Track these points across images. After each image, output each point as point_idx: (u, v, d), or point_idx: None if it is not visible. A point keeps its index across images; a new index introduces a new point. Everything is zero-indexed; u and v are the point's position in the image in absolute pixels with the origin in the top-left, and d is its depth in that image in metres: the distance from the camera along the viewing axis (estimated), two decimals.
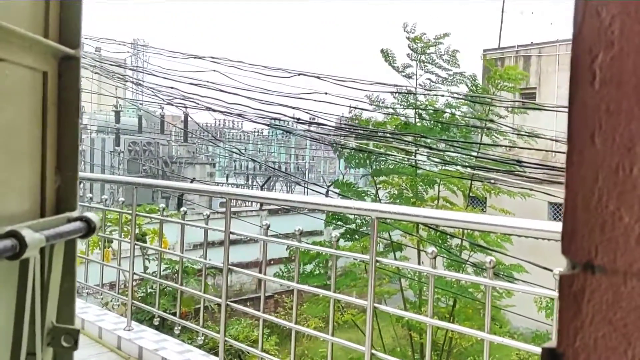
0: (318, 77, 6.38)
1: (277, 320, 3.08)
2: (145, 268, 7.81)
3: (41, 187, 0.76)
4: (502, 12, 20.27)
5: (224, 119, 30.85)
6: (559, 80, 16.91)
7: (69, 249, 0.78)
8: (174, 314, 5.13)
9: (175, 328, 3.46)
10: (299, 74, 6.36)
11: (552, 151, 13.56)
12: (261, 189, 21.90)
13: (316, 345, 10.90)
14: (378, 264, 2.33)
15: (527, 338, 8.73)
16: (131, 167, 21.54)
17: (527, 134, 7.58)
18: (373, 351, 2.31)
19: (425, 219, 2.14)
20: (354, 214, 6.52)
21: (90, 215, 0.78)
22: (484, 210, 10.17)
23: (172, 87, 6.82)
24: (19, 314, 0.71)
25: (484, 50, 18.68)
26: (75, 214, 0.79)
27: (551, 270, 1.96)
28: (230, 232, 2.98)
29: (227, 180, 30.17)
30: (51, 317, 0.74)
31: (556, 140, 7.01)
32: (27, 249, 0.66)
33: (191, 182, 17.00)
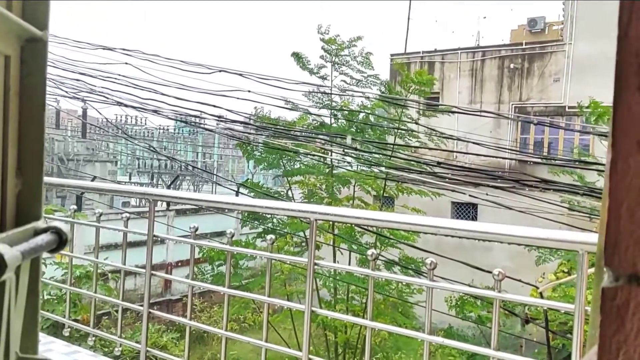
0: (240, 75, 6.22)
1: (206, 328, 2.94)
2: (42, 273, 7.25)
3: (0, 193, 0.63)
4: (408, 18, 21.04)
5: (126, 115, 29.46)
6: (460, 86, 17.85)
7: (34, 266, 0.66)
8: (75, 321, 4.78)
9: (90, 339, 3.21)
10: (220, 71, 6.17)
11: (455, 152, 14.25)
12: (168, 188, 21.15)
13: (226, 348, 10.67)
14: (316, 266, 2.28)
15: (432, 332, 9.08)
16: None
17: (439, 135, 7.90)
18: (311, 356, 2.26)
19: (366, 220, 2.12)
20: (292, 216, 6.43)
21: (60, 225, 0.66)
22: (393, 209, 10.49)
23: (77, 80, 6.34)
24: None
25: (391, 55, 19.31)
26: (41, 223, 0.66)
27: (488, 272, 2.01)
28: (154, 235, 2.80)
29: (129, 178, 28.85)
30: (15, 346, 0.62)
31: (466, 140, 7.34)
32: (7, 269, 0.53)
33: (92, 180, 16.04)
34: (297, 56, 8.56)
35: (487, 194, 5.23)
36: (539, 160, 13.66)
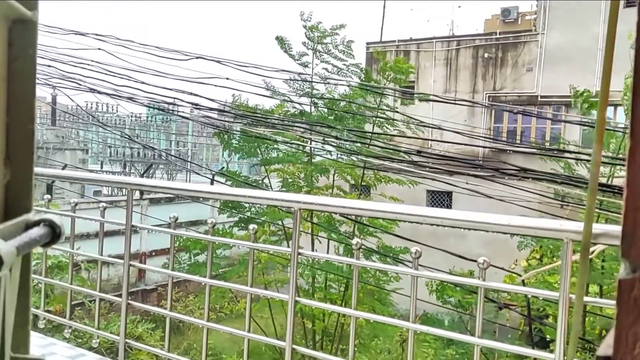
0: (218, 62, 6.10)
1: (186, 318, 2.90)
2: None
3: None
4: (384, 7, 21.01)
5: (97, 102, 28.87)
6: (435, 75, 17.96)
7: (25, 262, 0.62)
8: (48, 312, 4.68)
9: (66, 331, 3.14)
10: (197, 57, 6.04)
11: (431, 140, 14.35)
12: (142, 177, 20.84)
13: (202, 338, 10.62)
14: (300, 256, 2.26)
15: (407, 318, 9.19)
16: None
17: (417, 124, 7.93)
18: (294, 346, 2.25)
19: (352, 210, 2.11)
20: (276, 206, 6.38)
21: (53, 217, 0.62)
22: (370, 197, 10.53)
23: (49, 66, 6.13)
24: None
25: (367, 43, 19.29)
26: (32, 216, 0.62)
27: (473, 260, 2.01)
28: (132, 226, 2.74)
29: (101, 167, 28.35)
30: (8, 345, 0.58)
31: (444, 129, 7.39)
32: (4, 265, 0.49)
33: (63, 168, 15.70)
34: (280, 40, 8.48)
35: (467, 182, 5.28)
36: (517, 148, 13.85)
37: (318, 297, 7.75)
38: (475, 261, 1.87)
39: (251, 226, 2.39)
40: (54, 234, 0.60)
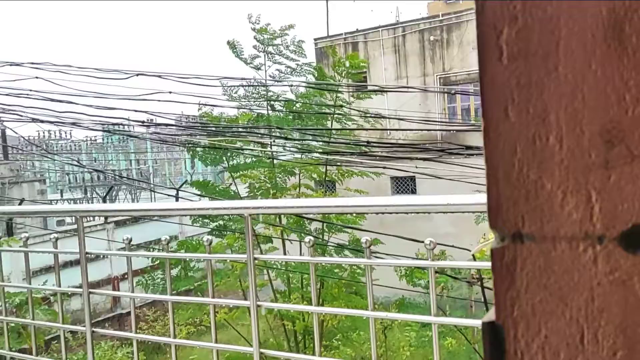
0: (159, 76, 6.04)
1: (153, 338, 2.88)
2: None
3: None
4: (327, 1, 21.09)
5: (50, 130, 28.16)
6: (385, 63, 18.15)
7: None
8: (22, 351, 4.57)
9: None
10: (137, 74, 5.95)
11: (388, 129, 14.52)
12: (104, 201, 20.43)
13: (185, 354, 10.53)
14: (256, 261, 2.28)
15: (386, 306, 9.32)
16: None
17: (371, 115, 8.02)
18: (262, 350, 2.27)
19: (298, 209, 2.14)
20: (226, 215, 6.36)
21: None
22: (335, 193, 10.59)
23: None
24: None
25: (315, 39, 19.35)
26: None
27: (420, 241, 2.07)
28: (87, 253, 2.71)
29: (61, 196, 27.66)
30: None
31: (394, 118, 7.49)
32: None
33: (20, 203, 15.27)
34: (231, 45, 8.43)
35: (416, 167, 5.38)
36: (467, 128, 14.14)
37: (295, 297, 7.77)
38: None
39: (205, 238, 2.39)
40: None
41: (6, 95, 6.00)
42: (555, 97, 0.57)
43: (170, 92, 6.08)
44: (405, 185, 16.16)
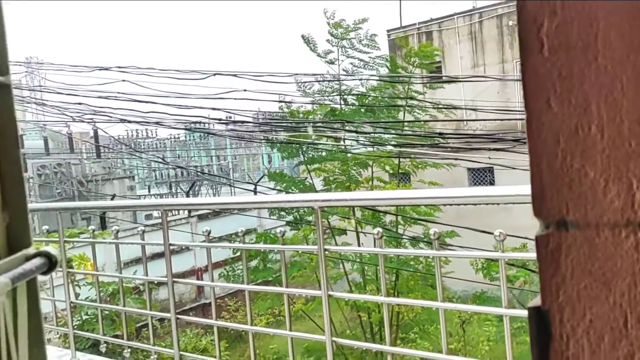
0: (235, 75, 6.28)
1: (232, 325, 3.04)
2: (77, 295, 7.45)
3: None
4: None
5: (137, 130, 29.80)
6: (461, 51, 17.67)
7: (31, 288, 0.73)
8: (116, 337, 4.91)
9: (125, 351, 3.33)
10: (214, 74, 6.23)
11: (465, 120, 14.16)
12: (187, 196, 21.39)
13: (266, 343, 10.86)
14: (327, 252, 2.34)
15: (464, 300, 9.14)
16: (43, 192, 20.29)
17: (445, 107, 7.89)
18: (334, 338, 2.34)
19: (366, 201, 2.18)
20: (297, 207, 6.53)
21: (49, 249, 0.73)
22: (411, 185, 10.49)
23: (79, 103, 6.46)
24: None
25: (388, 31, 19.16)
26: (31, 250, 0.73)
27: (490, 233, 2.05)
28: (170, 244, 2.90)
29: (149, 191, 29.20)
30: None
31: (473, 109, 7.32)
32: None
33: (112, 198, 16.31)
34: (306, 40, 8.60)
35: (489, 158, 5.23)
36: None
37: (370, 288, 7.81)
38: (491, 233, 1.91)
39: (279, 230, 2.49)
40: (50, 263, 0.71)
41: (97, 97, 6.48)
42: (596, 87, 0.58)
43: (245, 90, 6.29)
44: (482, 176, 15.71)
